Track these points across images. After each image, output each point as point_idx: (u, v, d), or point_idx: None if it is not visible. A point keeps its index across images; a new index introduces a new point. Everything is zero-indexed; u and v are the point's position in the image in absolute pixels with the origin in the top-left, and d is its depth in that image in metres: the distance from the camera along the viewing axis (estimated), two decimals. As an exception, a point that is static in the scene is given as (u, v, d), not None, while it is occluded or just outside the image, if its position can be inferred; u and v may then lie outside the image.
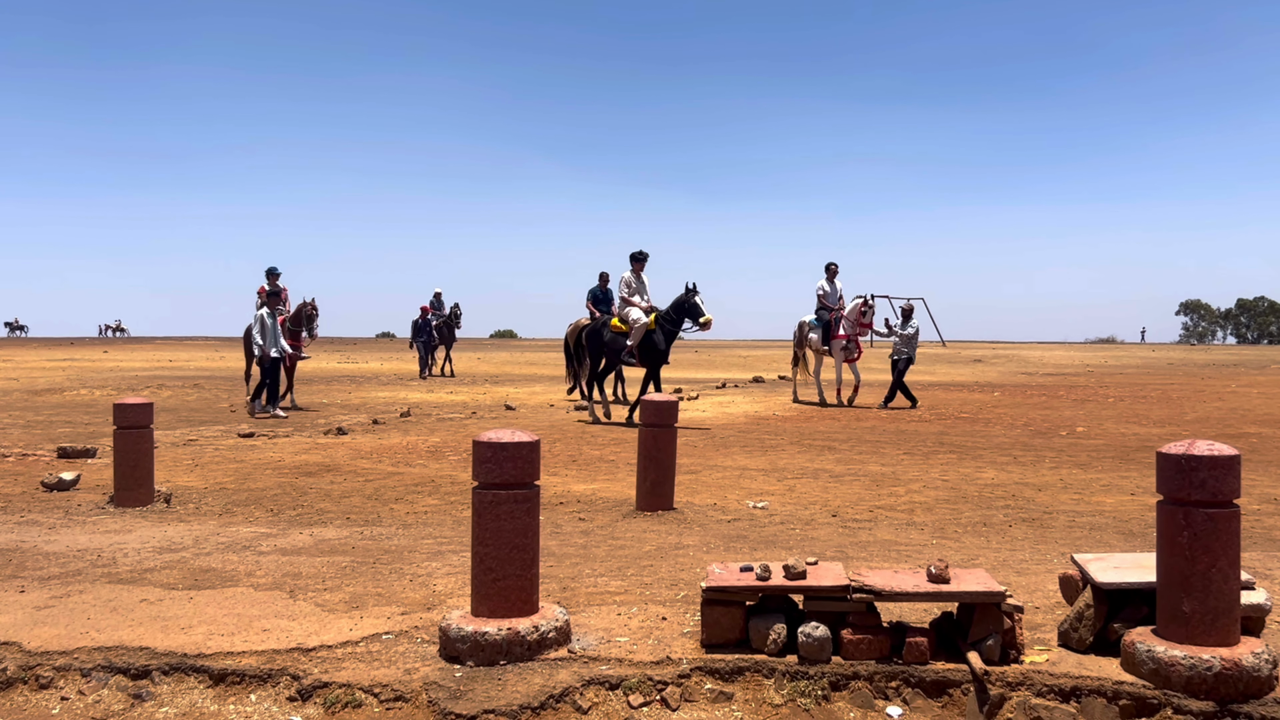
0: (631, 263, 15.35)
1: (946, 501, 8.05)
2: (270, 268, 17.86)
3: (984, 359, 39.54)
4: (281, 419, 15.39)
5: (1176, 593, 3.64)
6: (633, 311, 14.85)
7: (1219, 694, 3.51)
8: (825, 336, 18.29)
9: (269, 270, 17.92)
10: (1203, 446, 3.63)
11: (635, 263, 15.34)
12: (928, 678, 3.83)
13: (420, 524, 7.19)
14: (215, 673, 3.97)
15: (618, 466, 10.14)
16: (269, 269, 17.94)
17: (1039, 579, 5.16)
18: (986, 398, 19.10)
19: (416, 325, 27.24)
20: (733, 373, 27.60)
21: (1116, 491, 8.53)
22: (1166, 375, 29.23)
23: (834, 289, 18.46)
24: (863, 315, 17.86)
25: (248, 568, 5.59)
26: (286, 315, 17.33)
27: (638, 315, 14.71)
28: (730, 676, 3.88)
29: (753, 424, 14.71)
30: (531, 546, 4.10)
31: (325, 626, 4.40)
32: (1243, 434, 13.01)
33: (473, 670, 3.86)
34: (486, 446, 4.03)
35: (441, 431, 13.63)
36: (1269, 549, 6.10)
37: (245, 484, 9.06)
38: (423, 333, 27.00)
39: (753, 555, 5.79)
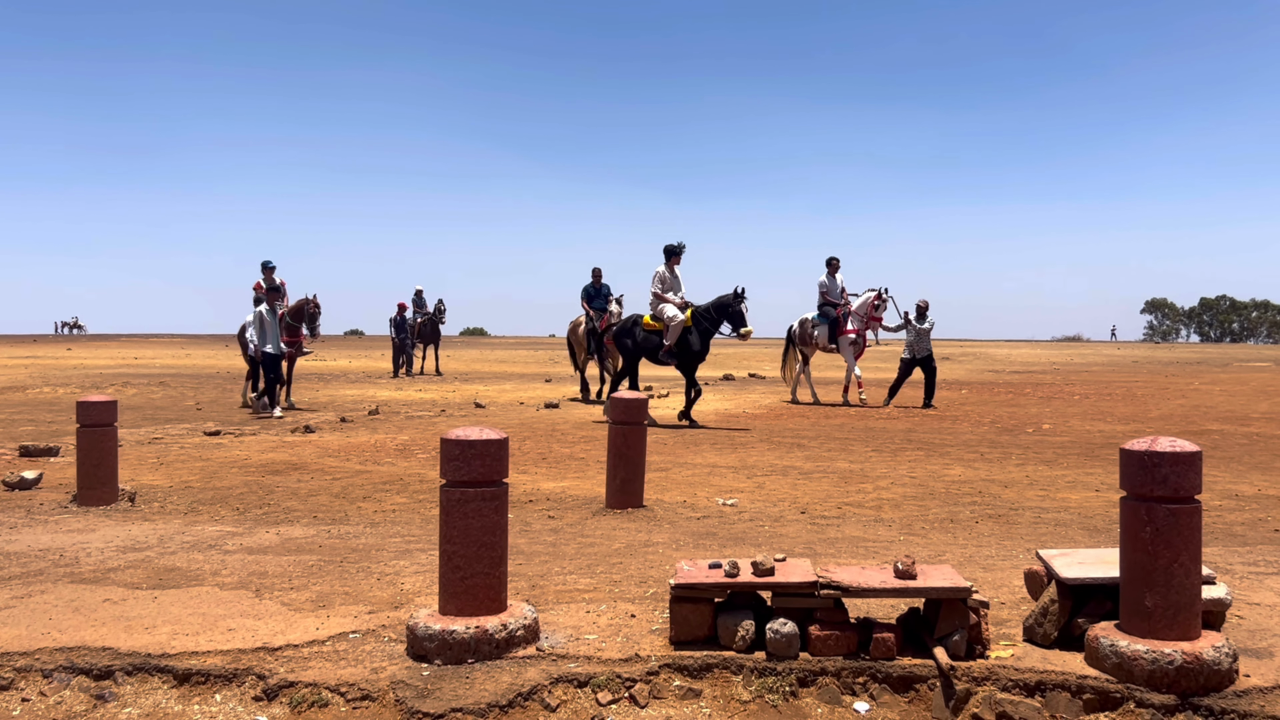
0: (666, 256, 14.59)
1: (914, 498, 8.10)
2: (265, 261, 17.39)
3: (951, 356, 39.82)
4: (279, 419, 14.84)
5: (1139, 588, 3.68)
6: (668, 309, 14.15)
7: (1181, 687, 3.55)
8: (832, 333, 17.76)
9: (264, 264, 17.41)
10: (1165, 443, 3.67)
11: (670, 256, 14.58)
12: (895, 673, 3.85)
13: (388, 522, 7.15)
14: (179, 673, 3.93)
15: (587, 464, 10.13)
16: (264, 263, 17.40)
17: (1005, 575, 5.20)
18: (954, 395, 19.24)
19: (394, 322, 26.67)
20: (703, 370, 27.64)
21: (1081, 488, 8.62)
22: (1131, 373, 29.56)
23: (835, 284, 17.91)
24: (875, 309, 17.34)
25: (213, 567, 5.54)
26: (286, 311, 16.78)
27: (674, 313, 14.05)
28: (698, 673, 3.88)
29: (723, 421, 14.73)
30: (500, 544, 4.08)
31: (291, 625, 4.37)
32: (1205, 431, 13.18)
33: (440, 669, 3.85)
34: (454, 444, 4.01)
35: (410, 429, 13.57)
36: (1230, 544, 6.19)
37: (211, 482, 8.97)
38: (400, 330, 26.46)
39: (722, 552, 5.80)
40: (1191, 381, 24.70)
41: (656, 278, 14.55)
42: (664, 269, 14.49)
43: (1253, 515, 7.29)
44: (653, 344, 14.33)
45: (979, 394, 20.40)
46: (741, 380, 25.02)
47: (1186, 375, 27.66)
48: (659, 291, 14.41)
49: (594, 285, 18.14)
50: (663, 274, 14.48)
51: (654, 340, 14.31)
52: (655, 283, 14.49)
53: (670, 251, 14.59)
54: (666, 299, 14.26)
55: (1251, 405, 17.49)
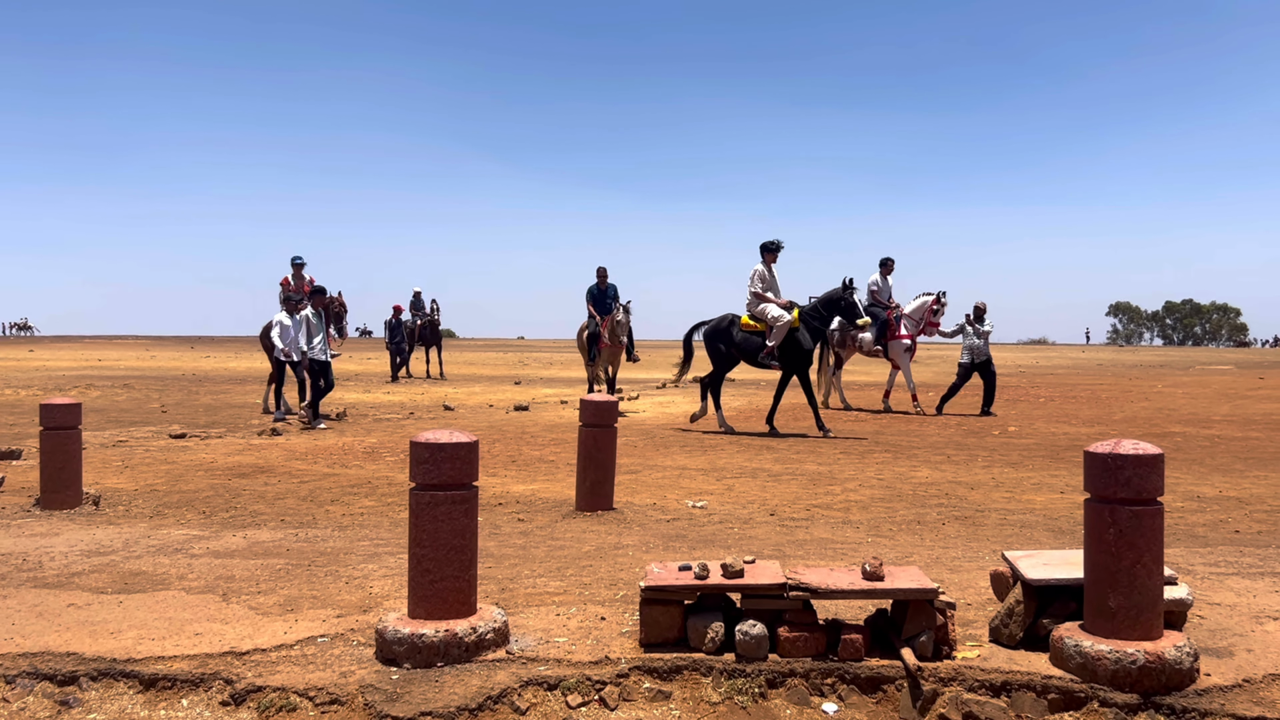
0: (762, 254, 13.77)
1: (882, 500, 8.16)
2: (295, 257, 16.46)
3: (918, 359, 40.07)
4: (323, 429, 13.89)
5: (1103, 588, 3.73)
6: (771, 308, 13.37)
7: (1143, 687, 3.60)
8: (879, 336, 16.80)
9: (294, 260, 16.43)
10: (1128, 446, 3.72)
11: (767, 253, 13.75)
12: (863, 674, 3.88)
13: (357, 526, 7.12)
14: (145, 678, 3.89)
15: (557, 467, 10.12)
16: (294, 258, 16.44)
17: (971, 576, 5.25)
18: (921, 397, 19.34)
19: (390, 325, 25.69)
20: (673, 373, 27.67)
21: (1047, 490, 8.71)
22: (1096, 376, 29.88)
23: (888, 286, 16.95)
24: (934, 314, 16.61)
25: (179, 571, 5.49)
26: None
27: (779, 313, 13.28)
28: (668, 675, 3.89)
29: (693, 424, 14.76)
30: (469, 548, 4.08)
31: (259, 630, 4.34)
32: (1168, 433, 13.36)
33: (409, 672, 3.84)
34: (424, 447, 4.00)
35: (379, 432, 13.50)
36: (1192, 545, 6.27)
37: (177, 486, 8.89)
38: (396, 333, 25.48)
39: (691, 554, 5.82)
40: (1155, 384, 25.01)
41: (755, 276, 13.72)
42: (763, 267, 13.70)
43: (1214, 517, 7.40)
44: (753, 346, 13.56)
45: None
46: (711, 383, 25.06)
47: (1150, 378, 28.01)
48: (759, 290, 13.59)
49: (599, 286, 17.05)
50: (762, 272, 13.68)
51: (754, 342, 13.54)
52: (755, 281, 13.64)
53: (768, 248, 13.81)
54: (767, 298, 13.48)
55: (1213, 408, 17.74)
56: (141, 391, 20.67)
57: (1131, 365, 38.30)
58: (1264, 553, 5.96)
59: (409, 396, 20.08)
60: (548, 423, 14.83)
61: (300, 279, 16.34)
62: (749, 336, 13.61)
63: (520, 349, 51.40)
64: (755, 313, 13.59)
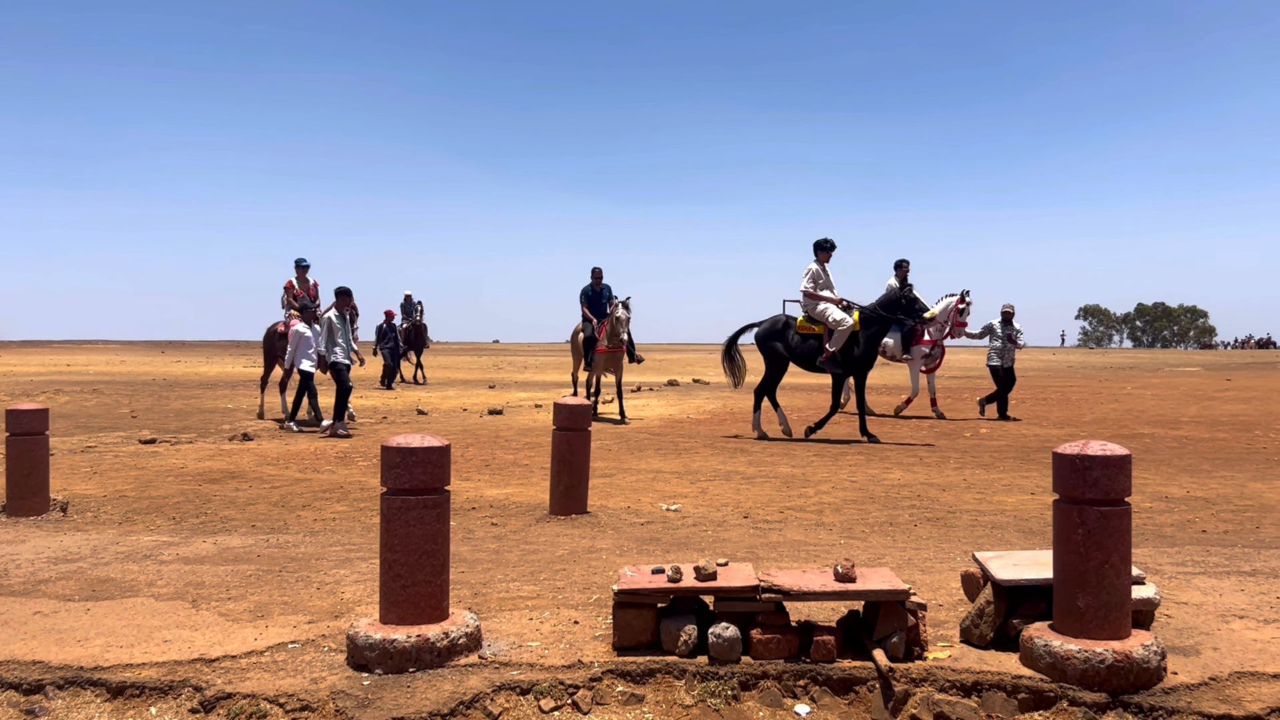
0: (816, 252, 13.21)
1: (854, 502, 8.19)
2: (299, 259, 15.83)
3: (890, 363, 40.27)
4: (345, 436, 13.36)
5: (1072, 588, 3.76)
6: (832, 310, 12.82)
7: (1111, 686, 3.64)
8: (906, 343, 16.19)
9: (298, 261, 15.79)
10: (1096, 447, 3.75)
11: (821, 251, 13.18)
12: (835, 675, 3.90)
13: (328, 531, 7.08)
14: (114, 686, 3.85)
15: (531, 471, 10.10)
16: (297, 260, 15.79)
17: (943, 577, 5.28)
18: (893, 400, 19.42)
19: (381, 331, 24.58)
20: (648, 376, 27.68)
21: (1017, 491, 8.77)
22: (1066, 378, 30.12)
23: None
24: (960, 314, 15.98)
25: (148, 577, 5.44)
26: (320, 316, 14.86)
27: (840, 316, 12.75)
28: (641, 679, 3.89)
29: (667, 427, 14.78)
30: (441, 552, 4.06)
31: (229, 636, 4.31)
32: (1137, 434, 13.48)
33: (381, 678, 3.82)
34: (395, 451, 3.98)
35: (352, 436, 13.43)
36: (1159, 545, 6.34)
37: (146, 491, 8.81)
38: (388, 339, 24.46)
39: (665, 557, 5.82)
40: (1124, 386, 25.24)
41: (809, 275, 13.10)
42: (817, 266, 13.10)
43: (1181, 517, 7.47)
44: (810, 349, 13.04)
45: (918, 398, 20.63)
46: (686, 386, 25.09)
47: (1119, 380, 28.27)
48: (813, 289, 13.00)
49: (594, 287, 16.25)
50: (816, 271, 13.08)
51: (811, 345, 13.03)
52: (808, 280, 13.04)
53: (821, 246, 13.22)
54: (824, 298, 12.91)
55: (1181, 409, 17.92)
56: (111, 397, 20.46)
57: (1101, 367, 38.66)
58: (1230, 552, 6.03)
59: (382, 400, 19.98)
60: (522, 426, 14.80)
61: (305, 282, 15.82)
62: (806, 339, 13.10)
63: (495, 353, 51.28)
64: (814, 314, 13.03)
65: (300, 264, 15.87)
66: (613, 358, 15.63)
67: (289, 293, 15.79)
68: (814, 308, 13.01)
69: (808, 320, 13.12)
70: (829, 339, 12.85)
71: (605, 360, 15.68)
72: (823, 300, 12.91)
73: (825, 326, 12.92)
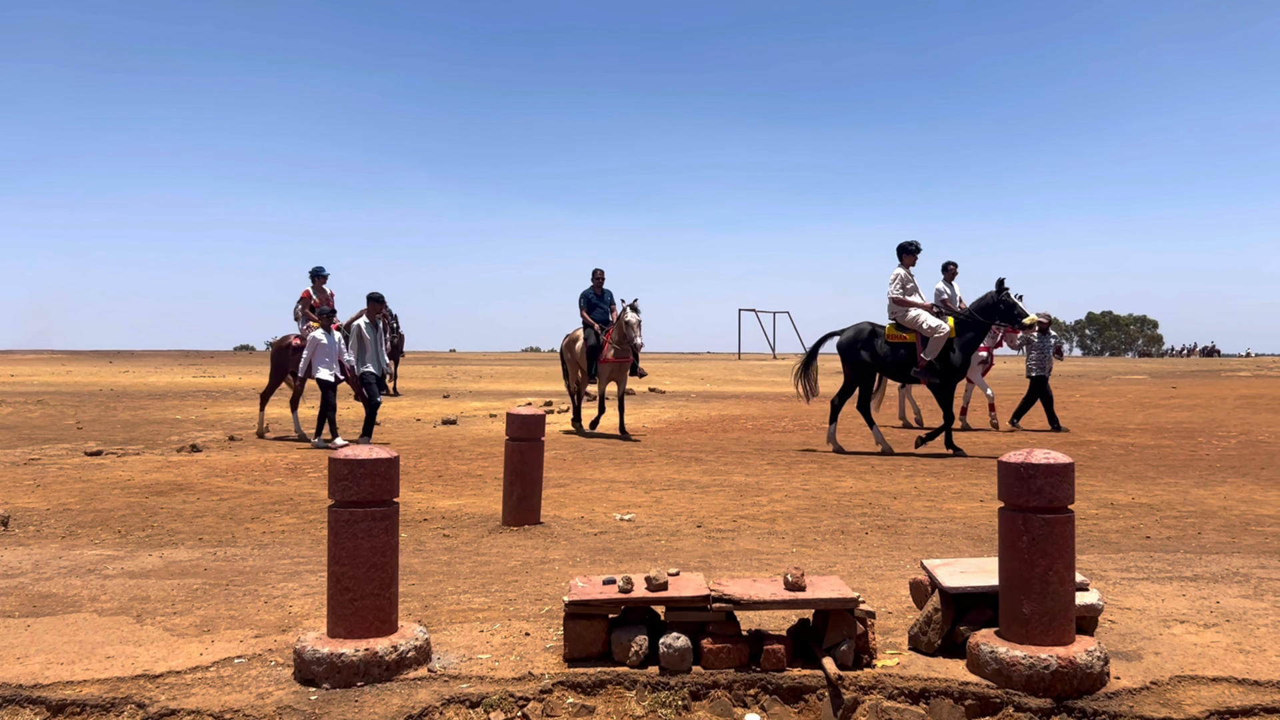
0: (901, 256, 12.61)
1: (807, 510, 8.24)
2: (316, 268, 14.97)
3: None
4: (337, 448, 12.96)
5: (1017, 595, 3.81)
6: (925, 317, 12.18)
7: (1056, 691, 3.69)
8: None
9: (314, 271, 14.99)
10: (1040, 455, 3.80)
11: (907, 255, 12.57)
12: (785, 684, 3.91)
13: (277, 544, 6.99)
14: (53, 704, 3.78)
15: (485, 481, 10.05)
16: (314, 270, 14.98)
17: (892, 584, 5.32)
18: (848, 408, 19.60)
19: None
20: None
21: (967, 498, 8.87)
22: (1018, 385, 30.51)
23: (955, 292, 14.63)
24: None
25: (91, 592, 5.34)
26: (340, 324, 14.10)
27: (936, 322, 12.13)
28: (592, 690, 3.89)
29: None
30: (390, 565, 4.03)
31: (174, 652, 4.24)
32: (1084, 442, 13.69)
33: (329, 693, 3.78)
34: (343, 463, 3.95)
35: (301, 448, 13.29)
36: (1104, 551, 6.44)
37: (91, 504, 8.66)
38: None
39: (618, 568, 5.82)
40: (1073, 394, 25.61)
41: (897, 281, 12.42)
42: (904, 270, 12.47)
43: (1126, 523, 7.60)
44: (900, 358, 12.39)
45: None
46: (641, 395, 25.11)
47: (1068, 388, 28.68)
48: (901, 295, 12.37)
49: (595, 291, 15.30)
50: (904, 276, 12.43)
51: (902, 355, 12.38)
52: (895, 286, 12.39)
53: (907, 249, 12.58)
54: (914, 304, 12.30)
55: (1128, 416, 18.23)
56: (56, 408, 20.08)
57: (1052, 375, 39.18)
58: (1173, 558, 6.14)
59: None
60: (476, 437, 14.73)
61: (322, 292, 15.04)
62: (896, 348, 12.44)
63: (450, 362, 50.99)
64: (904, 321, 12.37)
65: (318, 273, 15.02)
66: (620, 368, 14.67)
67: (305, 303, 14.96)
68: (904, 315, 12.37)
69: (897, 328, 12.47)
70: (922, 348, 12.25)
71: (611, 371, 14.70)
72: (914, 306, 12.31)
73: (918, 334, 12.31)
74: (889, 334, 12.51)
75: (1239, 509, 8.17)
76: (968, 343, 12.25)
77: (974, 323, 12.25)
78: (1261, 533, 7.13)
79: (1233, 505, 8.36)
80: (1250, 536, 6.99)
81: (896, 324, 12.50)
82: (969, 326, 12.25)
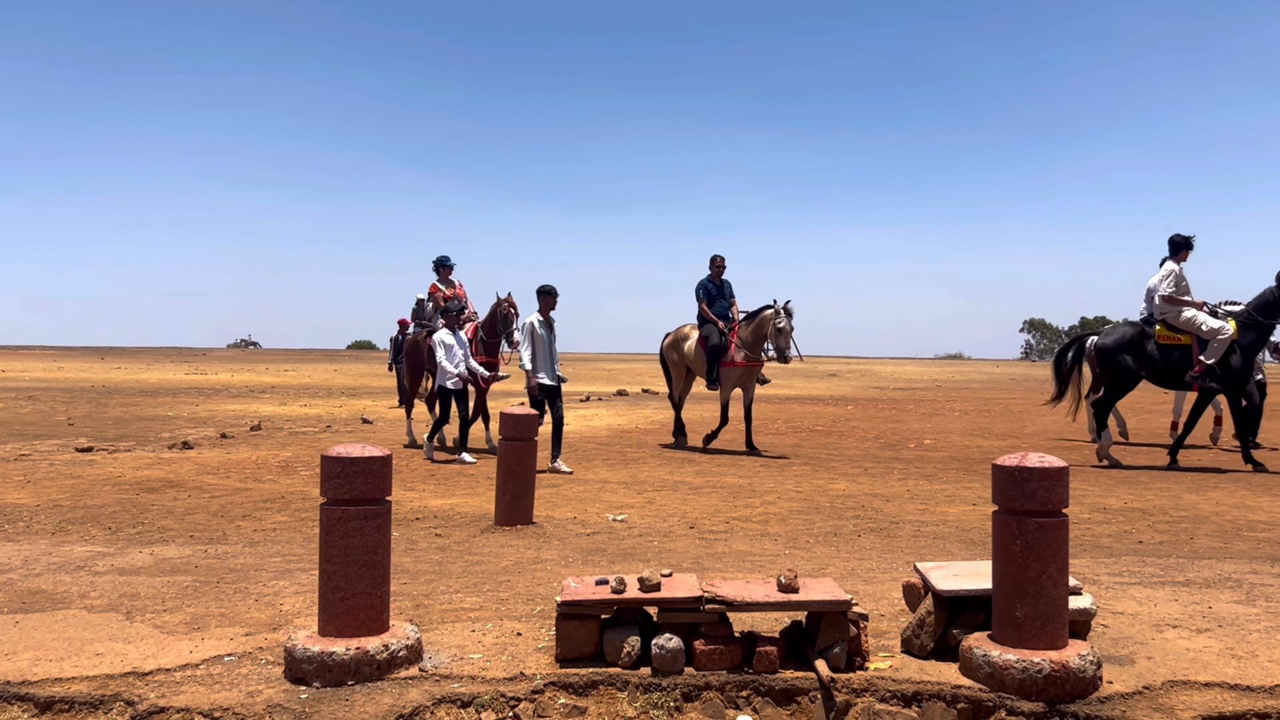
0: (1174, 251, 11.45)
1: (800, 512, 8.23)
2: (441, 258, 13.49)
3: (838, 373, 40.64)
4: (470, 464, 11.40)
5: (1010, 599, 3.81)
6: (1203, 317, 11.15)
7: (1048, 695, 3.68)
8: None
9: (439, 261, 13.50)
10: (1034, 459, 3.80)
11: (1181, 251, 11.42)
12: (777, 686, 3.90)
13: (268, 541, 6.97)
14: (41, 701, 3.75)
15: (477, 481, 10.03)
16: (439, 260, 13.48)
17: (885, 587, 5.31)
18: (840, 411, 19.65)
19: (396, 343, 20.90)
20: (596, 386, 27.65)
21: (959, 502, 8.87)
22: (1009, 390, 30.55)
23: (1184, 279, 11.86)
24: None
25: (81, 589, 5.31)
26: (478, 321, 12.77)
27: (1217, 324, 11.09)
28: (584, 690, 3.87)
29: (615, 437, 14.76)
30: (382, 564, 4.02)
31: (163, 649, 4.22)
32: (1077, 446, 13.70)
33: (319, 691, 3.76)
34: (335, 461, 3.93)
35: (294, 446, 13.25)
36: (1097, 555, 6.44)
37: (82, 501, 8.62)
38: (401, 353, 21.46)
39: (611, 568, 5.80)
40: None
41: (1170, 278, 11.34)
42: (1177, 266, 11.39)
43: (1119, 528, 7.60)
44: (1175, 361, 11.33)
45: (864, 410, 20.83)
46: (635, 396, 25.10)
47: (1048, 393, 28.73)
48: (1173, 293, 11.30)
49: (713, 280, 13.36)
50: (1178, 273, 11.37)
51: (1176, 358, 11.34)
52: (1169, 283, 11.32)
53: (1180, 244, 11.48)
54: (1188, 303, 11.26)
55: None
56: (47, 404, 20.01)
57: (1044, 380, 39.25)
58: (1165, 562, 6.14)
59: (326, 409, 19.76)
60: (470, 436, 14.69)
61: (450, 284, 13.53)
62: (1169, 351, 11.38)
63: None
64: (1178, 323, 11.30)
65: (444, 263, 13.48)
66: (750, 374, 12.92)
67: (433, 298, 13.45)
68: (1177, 315, 11.27)
69: (1168, 329, 11.40)
70: (1200, 350, 11.22)
71: (739, 376, 12.86)
72: (1188, 306, 11.27)
73: (1194, 336, 11.30)
74: (1160, 336, 11.42)
75: (1231, 514, 8.18)
76: (1250, 345, 11.20)
77: (1255, 324, 11.24)
78: (1254, 538, 7.14)
79: (1225, 510, 8.37)
80: (1242, 542, 6.99)
81: (1168, 325, 11.43)
82: (1250, 328, 11.25)
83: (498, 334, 12.40)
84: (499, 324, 12.35)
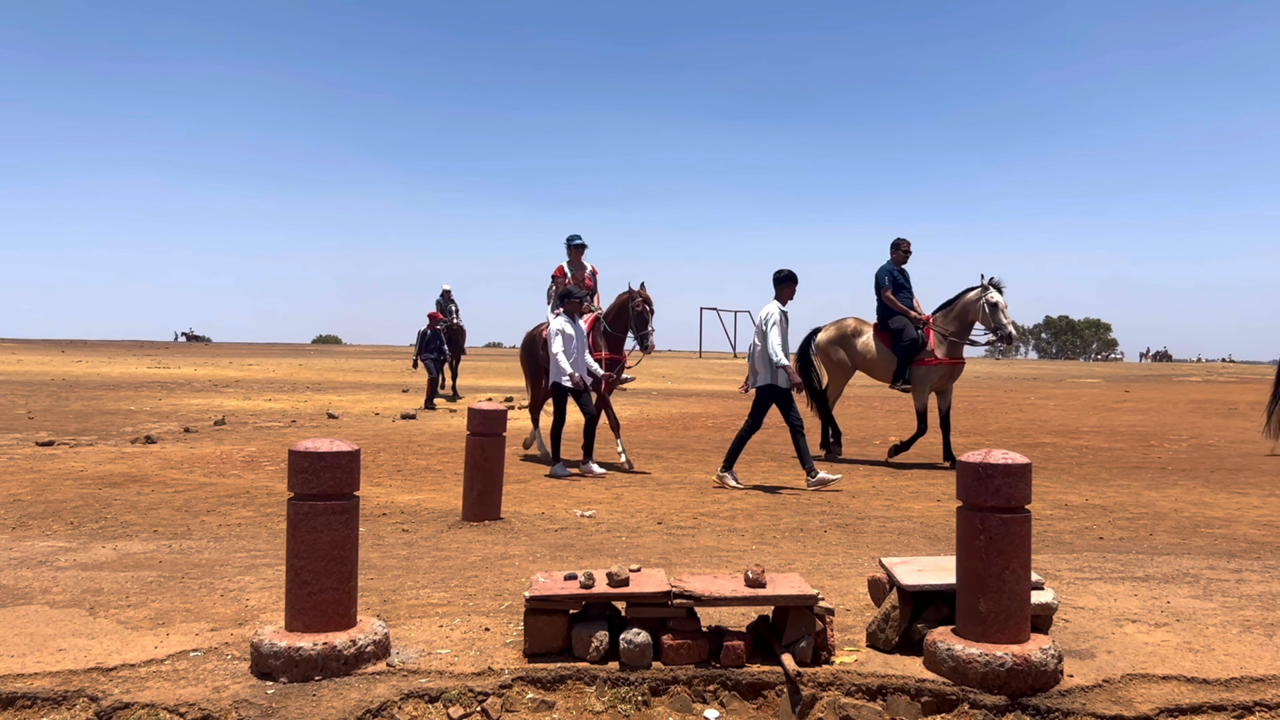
0: None
1: (766, 508, 8.28)
2: (572, 236, 11.83)
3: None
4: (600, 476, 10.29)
5: (973, 593, 3.86)
6: None
7: (1011, 688, 3.73)
8: None
9: (572, 240, 11.82)
10: (998, 455, 3.85)
11: None
12: (744, 680, 3.93)
13: (234, 536, 6.92)
14: (3, 697, 3.71)
15: (444, 476, 10.01)
16: (570, 238, 11.82)
17: (851, 582, 5.36)
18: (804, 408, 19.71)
19: (424, 337, 20.46)
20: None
21: (924, 498, 8.95)
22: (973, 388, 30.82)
23: None
24: None
25: (43, 584, 5.26)
26: (597, 313, 11.35)
27: None
28: (552, 685, 3.88)
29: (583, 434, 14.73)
30: (350, 559, 4.01)
31: (128, 645, 4.18)
32: (1039, 443, 13.87)
33: (286, 687, 3.74)
34: (303, 456, 3.92)
35: (258, 440, 13.15)
36: (1059, 551, 6.53)
37: (43, 495, 8.52)
38: (432, 347, 20.28)
39: (579, 564, 5.82)
40: (1028, 396, 25.94)
41: None
42: None
43: (1080, 524, 7.70)
44: None
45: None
46: (601, 392, 25.10)
47: (1024, 390, 29.05)
48: None
49: (897, 266, 11.76)
50: None
51: None
52: None
53: None
54: None
55: (1082, 419, 18.48)
56: (6, 397, 19.72)
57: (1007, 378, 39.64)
58: (1125, 558, 6.23)
59: (292, 404, 19.61)
60: (435, 431, 14.66)
61: (580, 267, 11.84)
62: None
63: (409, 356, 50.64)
64: None
65: (576, 243, 11.82)
66: (952, 372, 11.47)
67: (556, 281, 11.81)
68: None
69: None
70: None
71: (941, 375, 11.40)
72: None
73: None
74: None
75: (1189, 511, 8.31)
76: None
77: None
78: (1211, 534, 7.26)
79: (1183, 507, 8.50)
80: (1200, 538, 7.11)
81: None
82: None
83: (625, 327, 10.98)
84: (631, 322, 10.90)
